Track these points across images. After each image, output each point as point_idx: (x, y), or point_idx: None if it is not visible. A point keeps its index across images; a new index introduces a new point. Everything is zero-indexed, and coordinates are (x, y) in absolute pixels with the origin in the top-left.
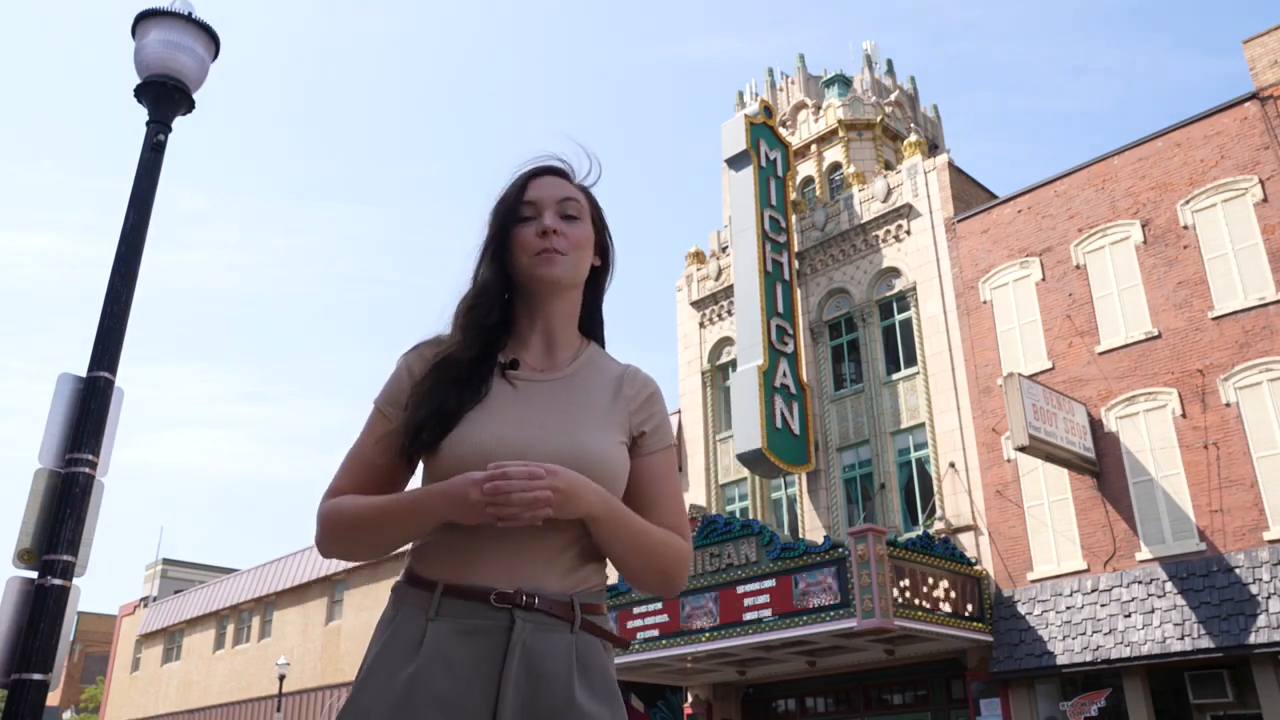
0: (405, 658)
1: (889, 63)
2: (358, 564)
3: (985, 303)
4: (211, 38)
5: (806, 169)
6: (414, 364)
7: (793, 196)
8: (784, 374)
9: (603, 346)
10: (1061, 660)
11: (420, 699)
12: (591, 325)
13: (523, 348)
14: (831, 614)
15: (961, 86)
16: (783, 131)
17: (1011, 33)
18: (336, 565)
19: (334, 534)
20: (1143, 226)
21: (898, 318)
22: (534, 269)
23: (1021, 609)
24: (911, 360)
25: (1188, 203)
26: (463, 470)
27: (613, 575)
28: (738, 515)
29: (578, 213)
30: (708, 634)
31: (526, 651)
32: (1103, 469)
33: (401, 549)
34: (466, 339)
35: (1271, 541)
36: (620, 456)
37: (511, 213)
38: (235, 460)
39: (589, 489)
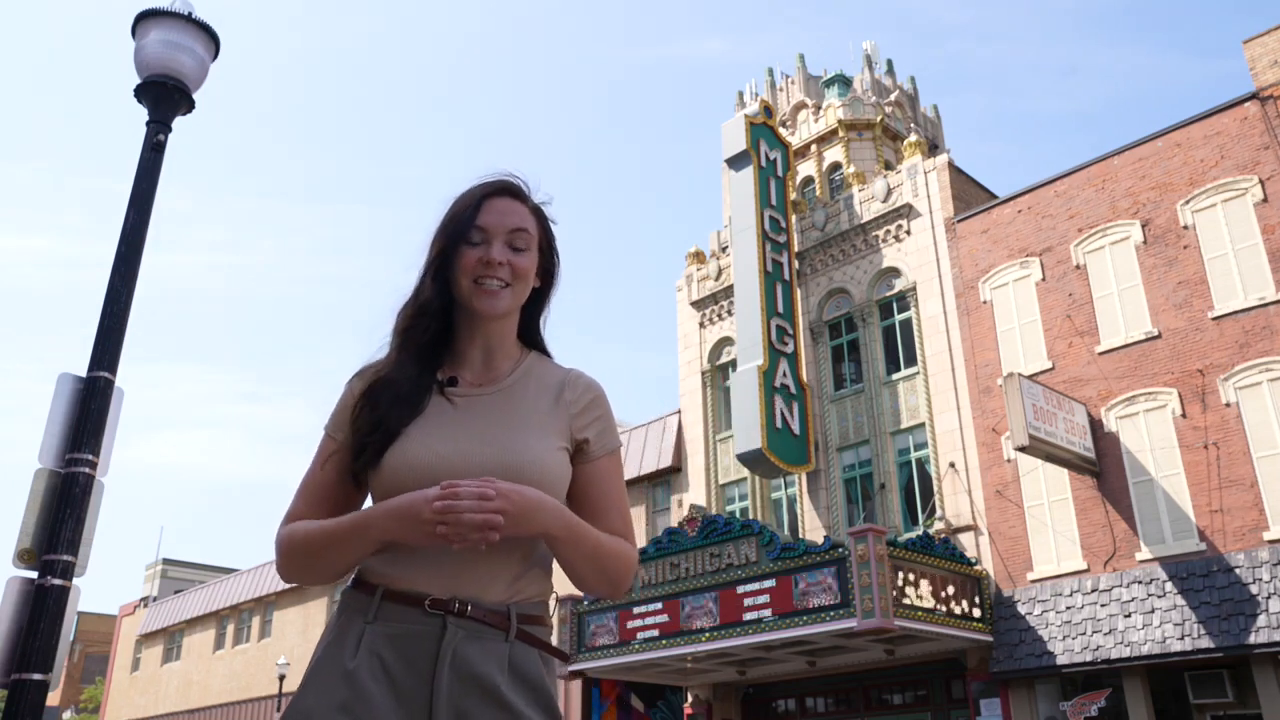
0: (345, 659)
1: (889, 63)
2: None
3: (985, 303)
4: (211, 38)
5: (806, 169)
6: (357, 387)
7: (793, 196)
8: (784, 374)
9: (546, 354)
10: (1061, 660)
11: (357, 700)
12: (533, 339)
13: (462, 363)
14: (831, 614)
15: (955, 88)
16: (783, 131)
17: (1004, 34)
18: None
19: (288, 558)
20: (1143, 226)
21: (898, 318)
22: (474, 300)
23: (1021, 609)
24: (911, 360)
25: (1188, 203)
26: (401, 486)
27: None
28: (738, 515)
29: (526, 244)
30: (708, 634)
31: (457, 658)
32: (1103, 469)
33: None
34: (401, 359)
35: (1271, 541)
36: (559, 463)
37: (460, 233)
38: (234, 461)
39: (544, 509)
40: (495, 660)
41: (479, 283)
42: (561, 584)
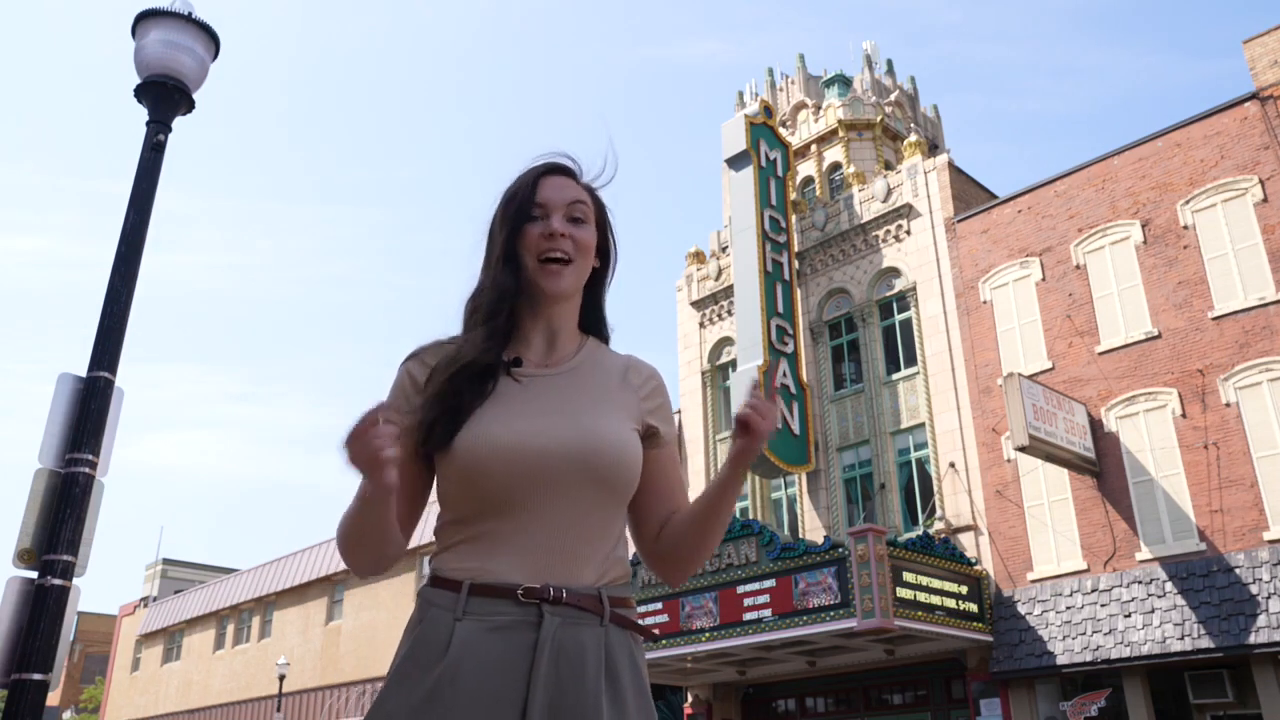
0: (433, 658)
1: (889, 63)
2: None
3: (985, 303)
4: (211, 38)
5: (806, 169)
6: (415, 369)
7: (793, 196)
8: (784, 374)
9: (606, 343)
10: (1061, 660)
11: (448, 698)
12: (593, 323)
13: (525, 345)
14: (831, 614)
15: (952, 88)
16: (783, 131)
17: (1001, 35)
18: (336, 565)
19: (339, 546)
20: (1143, 226)
21: (898, 318)
22: (538, 278)
23: (1021, 609)
24: (911, 360)
25: (1188, 203)
26: (481, 464)
27: None
28: (738, 515)
29: (584, 215)
30: (708, 634)
31: (556, 647)
32: (1103, 469)
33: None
34: (488, 344)
35: (1271, 541)
36: (636, 442)
37: (522, 211)
38: (234, 461)
39: None
40: (593, 648)
41: (543, 260)
42: None
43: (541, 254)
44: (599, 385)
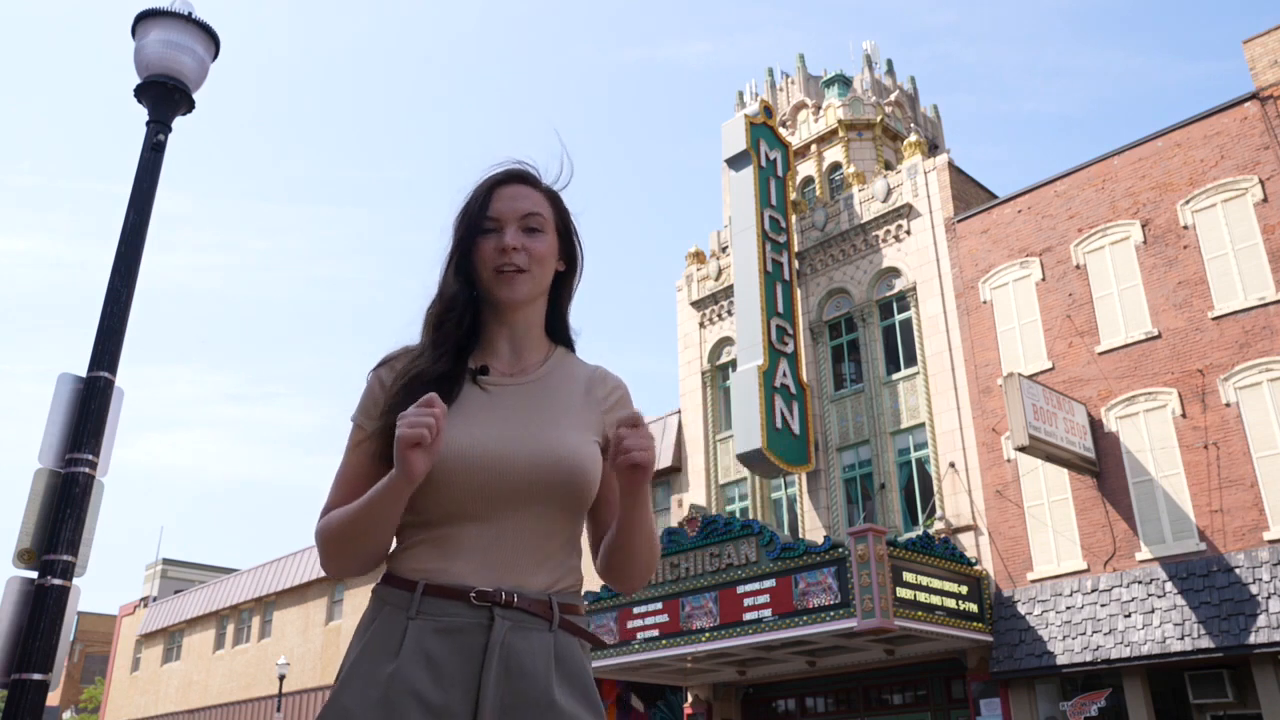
0: (386, 657)
1: (889, 63)
2: None
3: (985, 303)
4: (211, 38)
5: (806, 169)
6: (385, 376)
7: (793, 196)
8: (784, 374)
9: (571, 350)
10: (1061, 660)
11: (401, 697)
12: (558, 330)
13: (491, 353)
14: (831, 614)
15: (946, 89)
16: (783, 131)
17: (993, 36)
18: None
19: (325, 547)
20: (1143, 226)
21: (898, 318)
22: (494, 288)
23: (1021, 609)
24: (911, 360)
25: (1188, 203)
26: (444, 471)
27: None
28: (738, 515)
29: (540, 225)
30: (708, 634)
31: (506, 650)
32: (1103, 469)
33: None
34: (438, 353)
35: (1271, 541)
36: (596, 455)
37: (474, 225)
38: (231, 461)
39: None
40: (542, 652)
41: (498, 271)
42: None
43: (496, 267)
44: (564, 396)
